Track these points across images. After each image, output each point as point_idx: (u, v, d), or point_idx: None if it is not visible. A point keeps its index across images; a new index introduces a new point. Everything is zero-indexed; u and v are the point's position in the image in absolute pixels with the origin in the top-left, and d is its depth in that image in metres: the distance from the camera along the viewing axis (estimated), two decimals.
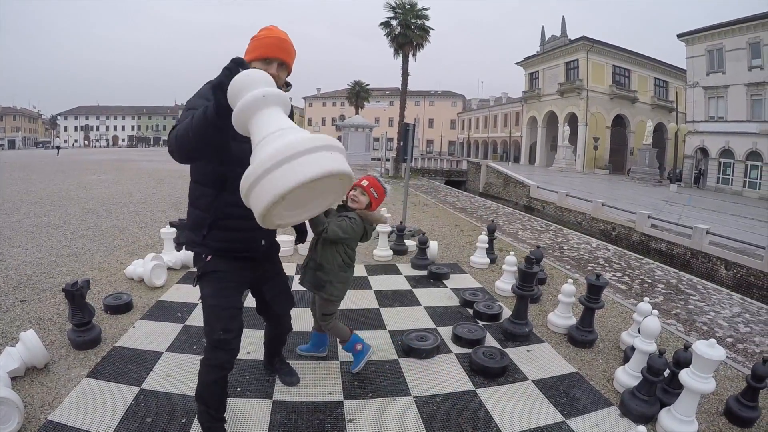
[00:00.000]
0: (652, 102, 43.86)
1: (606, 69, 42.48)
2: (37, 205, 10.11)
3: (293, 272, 5.75)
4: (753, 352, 5.60)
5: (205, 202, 2.32)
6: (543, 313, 4.80)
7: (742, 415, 3.03)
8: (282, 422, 2.75)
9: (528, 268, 4.15)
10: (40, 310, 4.18)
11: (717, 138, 31.35)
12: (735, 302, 7.73)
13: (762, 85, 28.39)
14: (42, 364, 3.15)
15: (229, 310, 2.36)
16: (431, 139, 78.82)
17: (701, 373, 2.71)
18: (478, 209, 17.76)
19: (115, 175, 19.17)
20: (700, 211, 19.10)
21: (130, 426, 2.60)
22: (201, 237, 2.33)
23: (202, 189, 2.33)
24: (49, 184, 14.74)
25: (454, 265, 6.59)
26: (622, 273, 9.32)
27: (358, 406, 2.98)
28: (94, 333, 3.56)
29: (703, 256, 12.25)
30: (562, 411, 3.06)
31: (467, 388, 3.29)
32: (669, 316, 6.67)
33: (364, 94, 54.04)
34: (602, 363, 3.85)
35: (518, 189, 26.15)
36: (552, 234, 13.57)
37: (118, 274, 5.38)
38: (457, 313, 4.76)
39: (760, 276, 10.56)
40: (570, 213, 19.21)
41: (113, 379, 3.09)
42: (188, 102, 2.19)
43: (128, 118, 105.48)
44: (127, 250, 6.50)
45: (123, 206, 10.59)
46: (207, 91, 2.15)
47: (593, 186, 26.56)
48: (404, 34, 28.95)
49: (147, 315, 4.22)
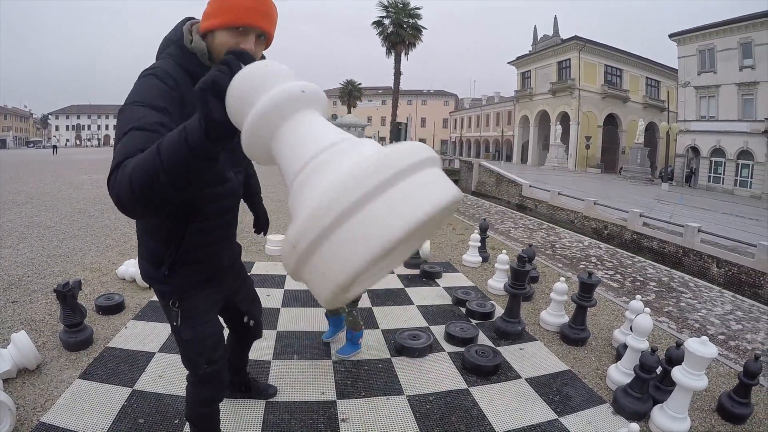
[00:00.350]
0: (643, 101, 44.08)
1: (598, 68, 42.65)
2: (28, 205, 10.04)
3: (285, 272, 5.74)
4: (745, 349, 5.64)
5: (166, 233, 1.75)
6: (535, 312, 4.81)
7: (734, 411, 3.05)
8: (275, 422, 2.74)
9: (520, 267, 4.16)
10: (32, 312, 4.14)
11: (708, 137, 31.58)
12: (726, 300, 7.79)
13: (753, 85, 28.62)
14: (34, 366, 3.12)
15: (211, 338, 1.97)
16: (424, 138, 78.67)
17: (693, 370, 2.73)
18: (470, 208, 17.80)
19: (106, 174, 19.05)
20: (692, 209, 19.23)
21: (122, 427, 2.59)
22: (162, 275, 1.79)
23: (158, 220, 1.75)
24: (41, 183, 14.63)
25: (447, 264, 6.59)
26: (614, 271, 9.37)
27: (351, 405, 2.98)
28: (86, 334, 3.53)
29: (694, 254, 12.32)
30: (555, 409, 3.07)
31: (460, 387, 3.30)
32: (661, 314, 6.71)
33: (357, 93, 54.14)
34: (595, 361, 3.87)
35: (510, 188, 26.20)
36: (544, 232, 13.62)
37: (110, 274, 5.35)
38: (449, 312, 4.76)
39: (751, 274, 10.65)
40: (562, 211, 19.26)
41: (105, 380, 3.07)
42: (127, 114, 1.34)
43: None
44: (119, 250, 6.46)
45: (114, 206, 10.52)
46: (164, 97, 1.43)
47: (585, 185, 26.66)
48: (397, 33, 29.04)
49: (139, 315, 4.19)
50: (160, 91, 1.43)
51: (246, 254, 6.49)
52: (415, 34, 29.24)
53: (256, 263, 6.06)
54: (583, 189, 23.11)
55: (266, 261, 6.20)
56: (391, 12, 28.99)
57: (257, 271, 5.72)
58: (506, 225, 14.36)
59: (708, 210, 19.43)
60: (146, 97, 1.39)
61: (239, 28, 1.45)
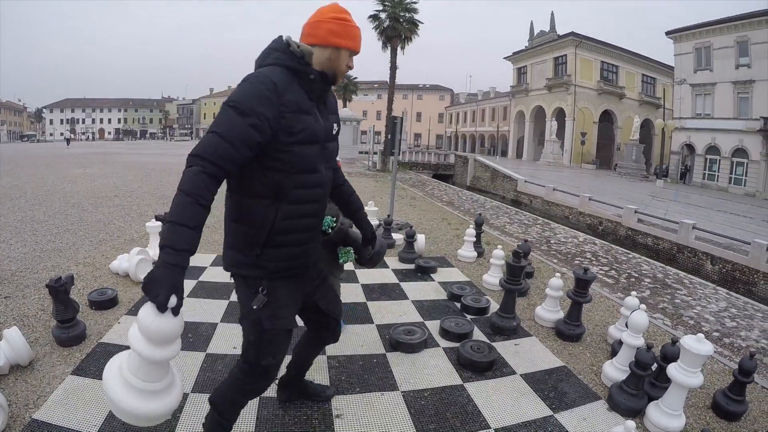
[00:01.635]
0: (639, 98, 44.11)
1: (594, 65, 42.64)
2: (21, 200, 9.97)
3: None
4: (739, 346, 5.65)
5: (259, 216, 1.94)
6: (530, 307, 4.81)
7: (729, 409, 3.06)
8: (269, 418, 2.73)
9: (515, 262, 4.16)
10: (24, 307, 4.12)
11: (703, 135, 31.66)
12: (721, 297, 7.81)
13: (749, 83, 28.68)
14: (26, 362, 3.10)
15: (285, 334, 2.13)
16: (419, 133, 78.90)
17: (689, 367, 2.72)
18: (465, 203, 17.76)
19: (100, 168, 18.97)
20: (686, 206, 19.29)
21: (115, 424, 2.56)
22: (253, 258, 1.97)
23: (252, 200, 1.94)
24: (34, 178, 14.55)
25: (442, 259, 6.59)
26: (609, 267, 9.38)
27: (346, 401, 2.97)
28: (79, 329, 3.51)
29: (689, 251, 12.37)
30: (550, 405, 3.07)
31: (455, 383, 3.29)
32: (656, 310, 6.72)
33: (352, 87, 53.83)
34: (590, 357, 3.87)
35: (506, 183, 26.24)
36: (539, 228, 13.62)
37: (103, 269, 5.32)
38: (444, 307, 4.76)
39: (745, 271, 10.71)
40: (557, 207, 19.31)
41: (98, 376, 3.02)
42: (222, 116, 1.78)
43: (114, 111, 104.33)
44: (113, 245, 6.43)
45: (108, 200, 10.48)
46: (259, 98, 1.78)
47: (580, 180, 26.71)
48: (393, 28, 28.81)
49: (132, 310, 4.15)
50: (258, 93, 1.77)
51: None
52: (411, 29, 29.02)
53: None
54: (578, 185, 23.14)
55: None
56: (387, 6, 28.79)
57: None
58: (501, 220, 14.35)
59: (702, 207, 19.48)
60: (242, 99, 1.76)
61: (353, 51, 2.01)
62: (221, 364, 3.32)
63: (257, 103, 1.75)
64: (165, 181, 14.68)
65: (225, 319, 4.08)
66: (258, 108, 1.75)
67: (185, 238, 1.62)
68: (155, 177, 15.74)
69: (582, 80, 41.72)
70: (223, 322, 4.04)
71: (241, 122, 1.73)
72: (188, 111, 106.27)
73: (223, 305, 4.39)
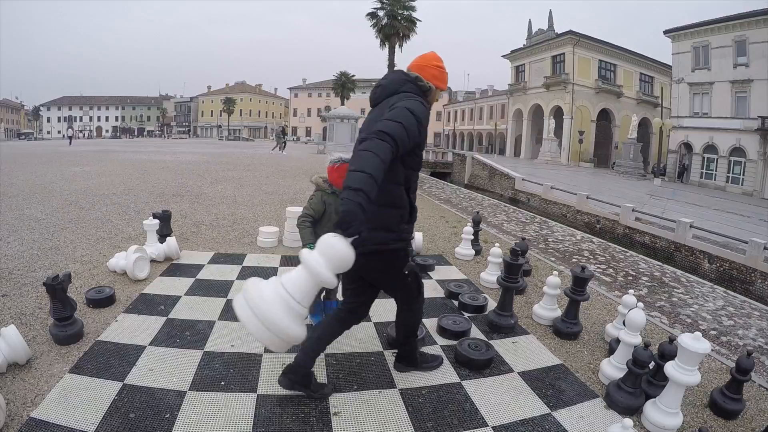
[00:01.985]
0: (637, 97, 44.22)
1: (592, 63, 42.73)
2: (18, 198, 9.93)
3: (277, 264, 5.74)
4: (737, 344, 5.68)
5: (402, 200, 2.75)
6: (528, 305, 4.81)
7: (726, 407, 3.06)
8: (267, 416, 2.73)
9: (513, 260, 4.16)
10: (22, 305, 4.11)
11: (701, 133, 31.75)
12: (718, 295, 7.83)
13: (746, 83, 28.77)
14: (24, 360, 3.09)
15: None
16: None
17: (686, 365, 2.73)
18: (463, 201, 17.78)
19: (98, 166, 18.91)
20: (684, 205, 19.32)
21: (113, 422, 2.56)
22: (401, 231, 2.78)
23: (398, 189, 2.70)
24: (31, 176, 14.50)
25: (439, 257, 6.59)
26: (607, 265, 9.40)
27: (344, 399, 2.96)
28: (76, 327, 3.50)
29: (686, 250, 12.40)
30: (547, 403, 3.07)
31: (453, 381, 3.29)
32: (653, 309, 6.74)
33: (350, 85, 53.89)
34: (587, 355, 3.87)
35: (503, 181, 26.27)
36: (537, 226, 13.64)
37: (101, 267, 5.30)
38: (442, 305, 4.76)
39: (742, 270, 10.74)
40: (555, 205, 19.33)
41: (96, 374, 3.04)
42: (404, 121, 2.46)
43: (112, 108, 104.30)
44: (110, 243, 6.41)
45: (106, 198, 10.44)
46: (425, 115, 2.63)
47: (578, 179, 26.74)
48: (391, 25, 28.86)
49: (130, 308, 4.15)
50: (426, 112, 2.65)
51: (238, 246, 6.47)
52: (409, 26, 29.05)
53: (248, 255, 6.03)
54: (576, 183, 23.18)
55: (258, 253, 6.18)
56: (385, 4, 28.81)
57: (249, 263, 5.69)
58: (499, 218, 14.37)
59: (700, 206, 19.52)
60: (421, 115, 2.58)
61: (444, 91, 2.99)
62: (219, 362, 3.31)
63: (425, 118, 2.62)
64: (162, 179, 14.62)
65: (222, 317, 4.07)
66: (424, 121, 2.60)
67: (375, 190, 2.23)
68: (153, 175, 15.67)
69: (580, 79, 41.78)
70: (221, 320, 4.03)
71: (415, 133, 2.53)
72: (186, 109, 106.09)
73: (221, 303, 4.38)
